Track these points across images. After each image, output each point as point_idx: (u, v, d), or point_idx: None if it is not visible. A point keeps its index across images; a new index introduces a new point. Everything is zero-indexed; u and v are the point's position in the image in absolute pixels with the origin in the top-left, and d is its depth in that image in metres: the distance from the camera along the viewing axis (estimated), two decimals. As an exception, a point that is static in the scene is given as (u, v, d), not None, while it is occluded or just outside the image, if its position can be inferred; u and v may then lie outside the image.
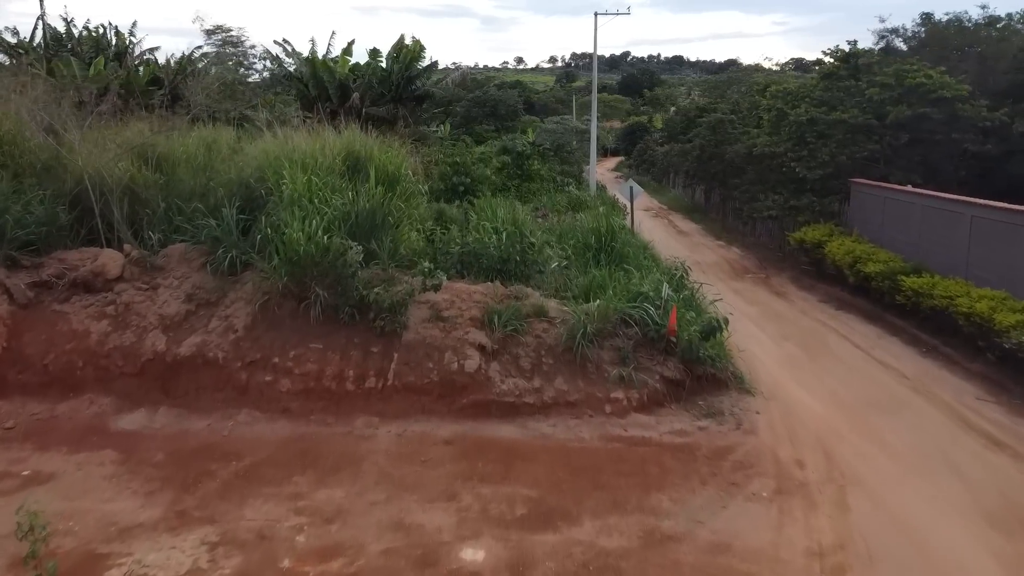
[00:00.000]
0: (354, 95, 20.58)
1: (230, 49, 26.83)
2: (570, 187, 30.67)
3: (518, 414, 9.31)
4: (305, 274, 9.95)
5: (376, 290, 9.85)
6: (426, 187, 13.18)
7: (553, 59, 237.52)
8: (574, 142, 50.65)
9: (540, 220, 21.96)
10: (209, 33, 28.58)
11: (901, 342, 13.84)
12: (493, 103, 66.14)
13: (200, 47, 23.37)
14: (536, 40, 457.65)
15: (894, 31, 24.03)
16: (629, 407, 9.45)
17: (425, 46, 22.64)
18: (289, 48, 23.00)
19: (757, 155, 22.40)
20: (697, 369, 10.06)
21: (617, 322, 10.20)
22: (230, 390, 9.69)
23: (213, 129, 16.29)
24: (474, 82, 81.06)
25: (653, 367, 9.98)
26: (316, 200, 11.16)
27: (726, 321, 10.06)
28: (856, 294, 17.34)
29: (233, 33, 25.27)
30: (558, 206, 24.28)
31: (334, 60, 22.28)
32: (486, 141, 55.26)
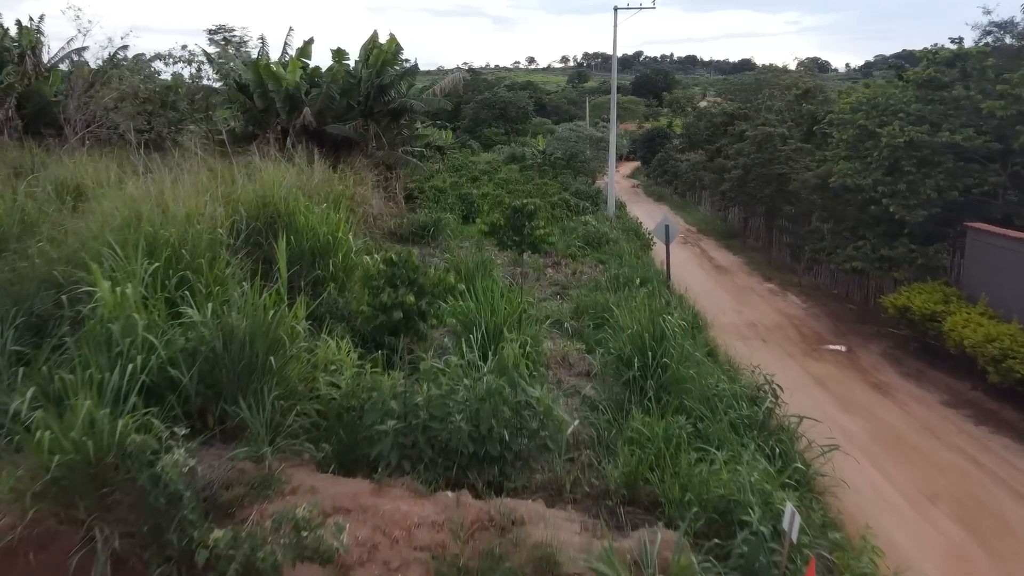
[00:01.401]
0: (305, 109, 15.60)
1: (232, 50, 22.46)
2: (586, 215, 25.75)
3: None
4: (75, 498, 5.03)
5: (217, 536, 4.88)
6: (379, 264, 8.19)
7: (565, 59, 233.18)
8: (588, 151, 45.63)
9: (549, 271, 17.07)
10: (211, 33, 24.24)
11: (1118, 512, 8.79)
12: (503, 105, 62.03)
13: (126, 47, 18.48)
14: (548, 39, 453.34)
15: (1002, 26, 18.75)
16: None
17: (403, 46, 17.53)
18: (233, 49, 18.07)
19: (834, 187, 17.24)
20: None
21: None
22: None
23: (81, 165, 11.60)
24: (484, 83, 76.28)
25: None
26: (151, 319, 6.29)
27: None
28: (995, 394, 12.29)
29: (236, 33, 20.73)
30: (572, 247, 19.34)
31: (284, 64, 17.28)
32: (495, 146, 50.39)
